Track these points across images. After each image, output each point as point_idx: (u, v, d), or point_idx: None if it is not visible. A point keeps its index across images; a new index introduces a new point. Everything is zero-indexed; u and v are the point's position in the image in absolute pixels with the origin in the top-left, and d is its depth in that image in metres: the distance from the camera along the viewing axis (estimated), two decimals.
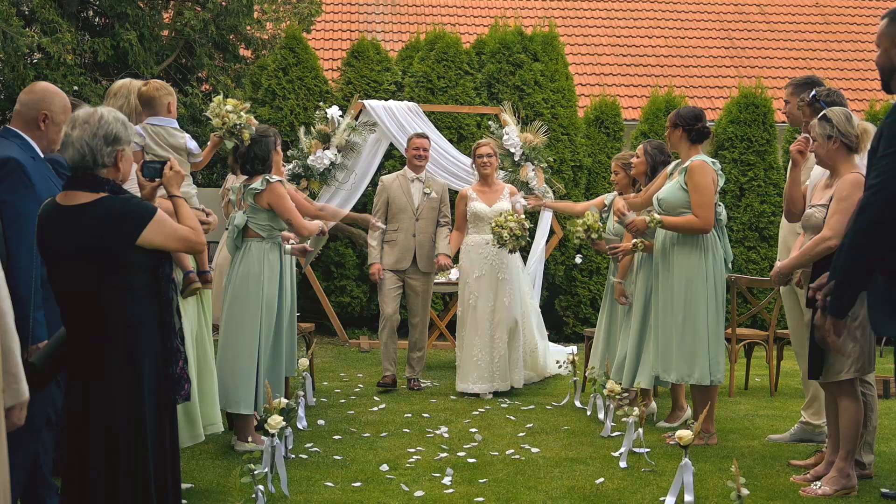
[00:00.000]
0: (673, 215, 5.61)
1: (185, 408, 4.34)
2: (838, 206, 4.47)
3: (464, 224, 7.45)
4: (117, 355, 3.17)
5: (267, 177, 5.42)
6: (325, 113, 9.71)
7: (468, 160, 10.04)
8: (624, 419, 5.24)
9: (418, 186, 7.51)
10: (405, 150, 7.82)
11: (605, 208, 6.85)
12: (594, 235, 6.50)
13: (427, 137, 7.81)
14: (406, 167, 7.64)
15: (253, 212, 5.42)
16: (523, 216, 7.16)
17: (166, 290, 3.30)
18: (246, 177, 5.56)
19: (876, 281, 3.80)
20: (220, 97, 5.14)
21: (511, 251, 7.14)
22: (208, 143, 5.15)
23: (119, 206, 3.19)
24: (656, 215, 5.60)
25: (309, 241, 6.27)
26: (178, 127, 4.76)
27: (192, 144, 4.82)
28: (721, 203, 5.77)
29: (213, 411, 4.85)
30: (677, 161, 5.89)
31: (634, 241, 6.01)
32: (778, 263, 5.12)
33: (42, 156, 3.90)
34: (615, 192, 6.79)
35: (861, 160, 4.61)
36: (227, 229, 5.82)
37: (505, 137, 9.49)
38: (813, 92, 5.22)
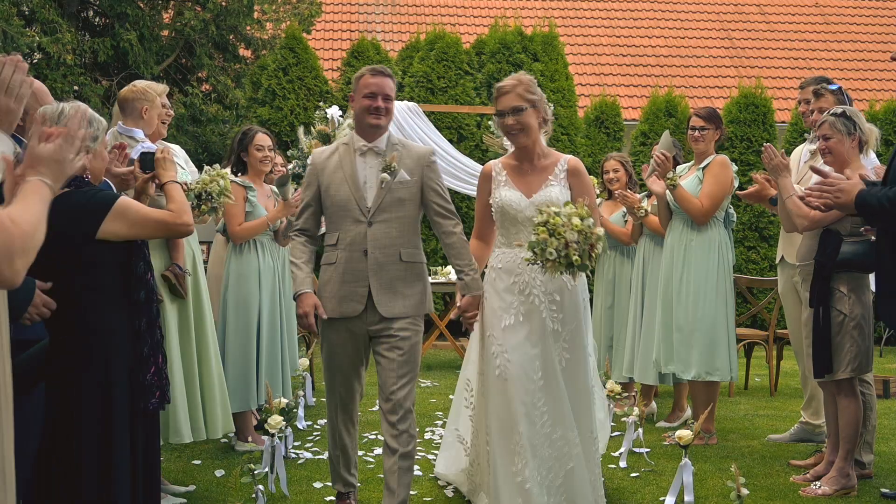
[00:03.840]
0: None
1: (164, 414, 4.17)
2: None
3: (488, 227, 4.17)
4: (86, 361, 3.07)
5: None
6: (325, 113, 9.71)
7: (469, 160, 10.07)
8: (624, 419, 5.24)
9: (374, 163, 3.90)
10: (350, 98, 4.09)
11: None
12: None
13: (391, 77, 3.95)
14: (352, 132, 4.01)
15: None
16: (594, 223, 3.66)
17: (136, 291, 3.15)
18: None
19: (890, 275, 3.80)
20: (225, 171, 4.79)
21: (557, 274, 3.67)
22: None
23: (79, 198, 3.08)
24: (677, 178, 5.61)
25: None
26: (143, 137, 4.51)
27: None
28: (731, 205, 5.79)
29: (214, 420, 4.71)
30: (690, 164, 5.90)
31: (642, 205, 6.12)
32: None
33: None
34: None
35: (864, 159, 4.63)
36: (217, 231, 5.80)
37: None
38: (837, 85, 5.31)
